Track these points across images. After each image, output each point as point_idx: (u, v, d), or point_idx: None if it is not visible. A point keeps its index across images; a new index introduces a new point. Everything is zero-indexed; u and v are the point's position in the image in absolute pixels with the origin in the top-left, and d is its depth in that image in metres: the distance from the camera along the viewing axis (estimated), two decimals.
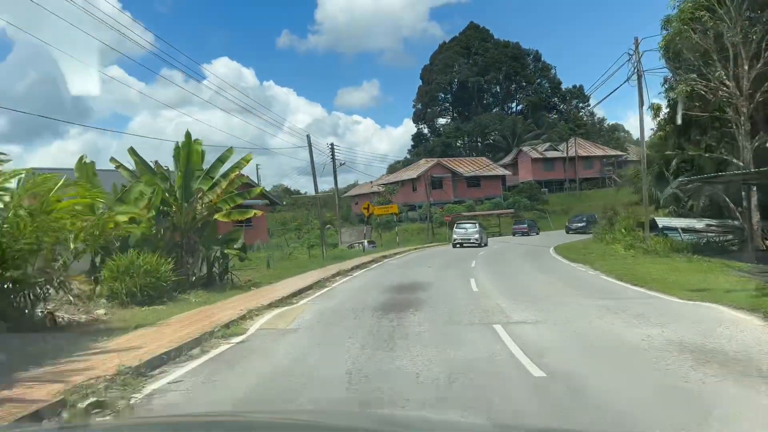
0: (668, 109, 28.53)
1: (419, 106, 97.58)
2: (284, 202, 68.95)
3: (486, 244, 40.32)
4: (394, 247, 43.94)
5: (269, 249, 37.03)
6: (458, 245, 39.17)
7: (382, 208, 44.66)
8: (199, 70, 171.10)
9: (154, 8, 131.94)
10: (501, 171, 71.64)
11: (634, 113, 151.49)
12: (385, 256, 31.56)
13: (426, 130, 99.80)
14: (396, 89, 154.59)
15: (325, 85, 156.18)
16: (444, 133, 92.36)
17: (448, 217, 56.09)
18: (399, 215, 62.23)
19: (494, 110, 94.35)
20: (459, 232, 40.30)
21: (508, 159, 79.85)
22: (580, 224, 59.06)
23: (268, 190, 39.35)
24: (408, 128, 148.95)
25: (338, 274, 20.55)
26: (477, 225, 41.52)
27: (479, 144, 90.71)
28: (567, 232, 51.22)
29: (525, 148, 78.71)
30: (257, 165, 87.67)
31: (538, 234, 54.22)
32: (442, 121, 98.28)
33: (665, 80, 31.48)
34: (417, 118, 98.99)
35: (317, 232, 60.28)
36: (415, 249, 39.55)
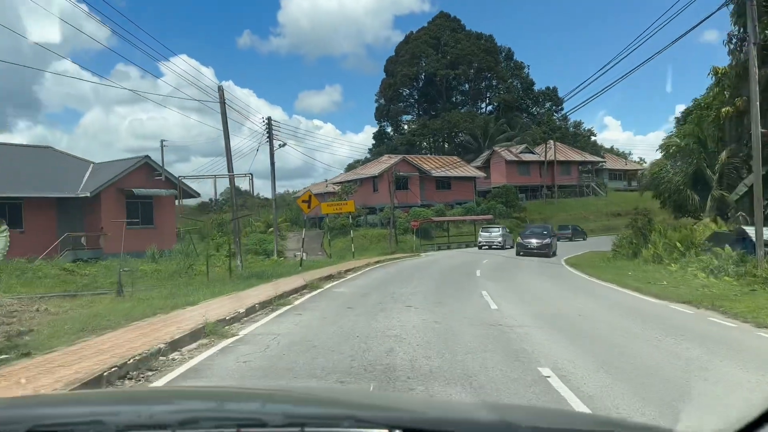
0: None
1: (382, 101, 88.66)
2: (220, 197, 58.11)
3: (511, 246, 41.36)
4: (348, 257, 34.87)
5: (169, 258, 27.31)
6: (485, 247, 42.61)
7: (333, 205, 35.06)
8: (155, 66, 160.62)
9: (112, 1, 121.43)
10: (474, 172, 63.27)
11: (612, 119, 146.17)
12: (330, 276, 21.58)
13: (389, 129, 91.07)
14: (358, 95, 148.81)
15: (287, 88, 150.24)
16: (408, 131, 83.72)
17: (416, 222, 47.22)
18: (357, 218, 53.12)
19: (463, 109, 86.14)
20: (484, 236, 44.02)
21: (479, 161, 71.61)
22: (565, 232, 51.65)
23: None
24: (369, 135, 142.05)
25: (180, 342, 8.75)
26: (501, 229, 45.07)
27: (447, 145, 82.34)
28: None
29: (499, 149, 70.64)
30: (162, 141, 75.84)
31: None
32: (407, 118, 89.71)
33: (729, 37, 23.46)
34: (379, 115, 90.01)
35: (256, 236, 50.71)
36: (377, 263, 30.16)
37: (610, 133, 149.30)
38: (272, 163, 33.81)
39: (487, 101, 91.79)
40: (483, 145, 77.61)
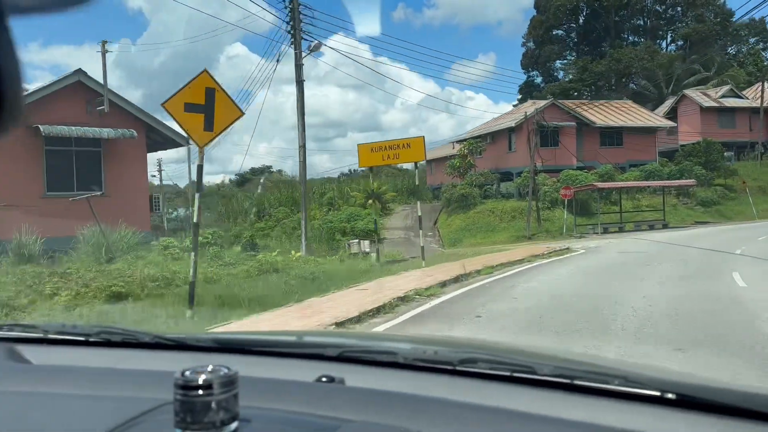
0: None
1: (530, 44, 71.71)
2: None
3: None
4: (459, 248, 21.10)
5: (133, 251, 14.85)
6: None
7: (384, 148, 18.21)
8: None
9: None
10: (657, 120, 45.48)
11: None
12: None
13: (538, 79, 73.89)
14: (513, 63, 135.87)
15: (439, 60, 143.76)
16: (563, 79, 66.34)
17: (568, 190, 31.43)
18: (485, 186, 38.15)
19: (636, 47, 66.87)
20: None
21: (660, 113, 53.05)
22: None
23: None
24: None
25: None
26: None
27: (614, 94, 63.90)
28: None
29: (690, 94, 51.62)
30: (103, 42, 64.08)
31: None
32: (561, 64, 72.04)
33: None
34: (527, 62, 72.97)
35: (349, 211, 37.55)
36: (504, 266, 15.39)
37: None
38: (300, 89, 19.53)
39: (669, 38, 71.57)
40: (665, 92, 58.76)
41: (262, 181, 62.93)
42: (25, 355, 1.64)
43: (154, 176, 55.48)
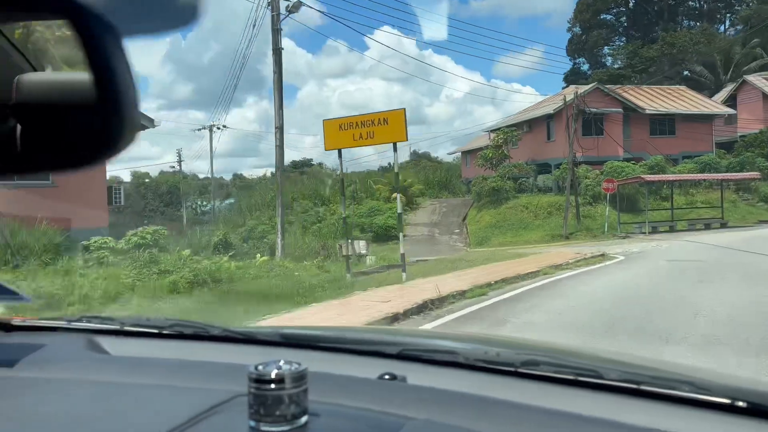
0: None
1: (576, 28, 67.52)
2: None
3: None
4: (485, 247, 18.30)
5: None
6: None
7: (352, 124, 13.76)
8: (360, 41, 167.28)
9: None
10: (714, 107, 41.38)
11: None
12: None
13: (585, 67, 69.52)
14: (561, 54, 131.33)
15: (485, 52, 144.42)
16: (613, 61, 62.00)
17: (610, 183, 28.01)
18: (520, 180, 34.86)
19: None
20: None
21: (717, 99, 48.66)
22: None
23: None
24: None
25: None
26: None
27: (667, 80, 59.31)
28: None
29: (752, 79, 47.07)
30: None
31: None
32: (610, 50, 67.54)
33: None
34: (573, 48, 68.76)
35: (370, 204, 34.80)
36: (508, 282, 11.75)
37: None
38: (276, 54, 16.46)
39: (728, 22, 66.46)
40: (723, 78, 54.19)
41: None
42: (103, 345, 1.71)
43: (173, 167, 53.88)
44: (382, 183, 37.59)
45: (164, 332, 1.82)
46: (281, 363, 0.99)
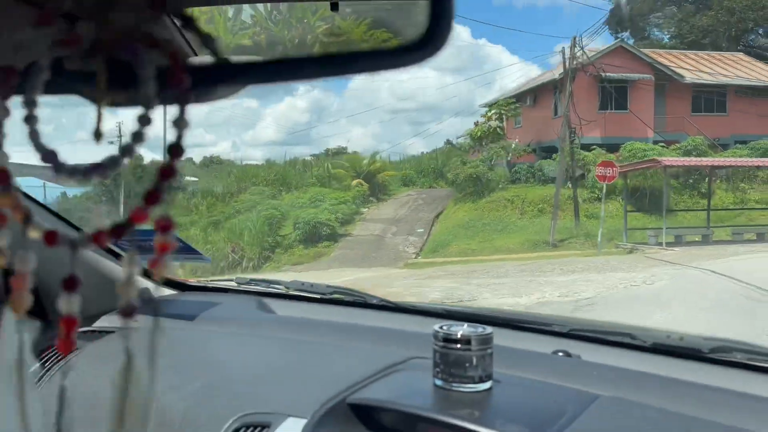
0: None
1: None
2: None
3: None
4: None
5: None
6: None
7: None
8: None
9: None
10: None
11: None
12: None
13: (630, 41, 60.00)
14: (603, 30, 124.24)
15: (540, 42, 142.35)
16: (659, 31, 52.58)
17: (608, 169, 19.52)
18: (514, 166, 26.75)
19: None
20: None
21: None
22: None
23: None
24: None
25: None
26: None
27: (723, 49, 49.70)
28: None
29: None
30: None
31: None
32: (656, 19, 57.91)
33: None
34: (614, 23, 59.30)
35: (313, 191, 27.28)
36: None
37: None
38: None
39: None
40: None
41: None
42: (272, 306, 1.82)
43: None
44: (343, 167, 30.05)
45: (326, 298, 1.89)
46: (465, 326, 0.99)
